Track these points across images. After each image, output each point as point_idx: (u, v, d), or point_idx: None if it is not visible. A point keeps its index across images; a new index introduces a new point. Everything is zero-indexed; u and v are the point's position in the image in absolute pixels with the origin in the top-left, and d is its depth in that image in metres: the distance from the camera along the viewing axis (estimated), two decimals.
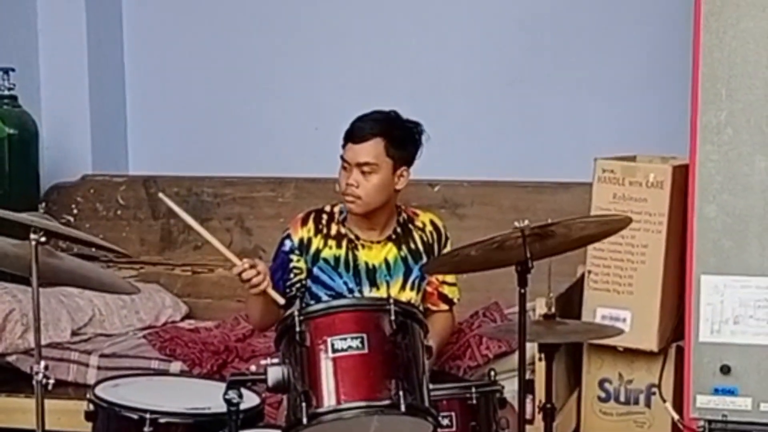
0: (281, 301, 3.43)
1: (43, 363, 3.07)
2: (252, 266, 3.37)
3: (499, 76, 5.11)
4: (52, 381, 3.10)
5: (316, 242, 3.60)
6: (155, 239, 5.17)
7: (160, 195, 3.54)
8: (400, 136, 3.54)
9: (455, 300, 3.76)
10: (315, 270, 3.60)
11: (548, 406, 3.30)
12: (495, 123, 5.10)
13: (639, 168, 4.10)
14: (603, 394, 4.25)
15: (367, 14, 5.24)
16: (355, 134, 3.52)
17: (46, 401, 3.13)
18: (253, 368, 2.98)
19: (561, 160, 4.83)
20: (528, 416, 3.46)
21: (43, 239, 3.03)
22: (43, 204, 3.32)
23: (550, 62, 5.05)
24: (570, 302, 4.08)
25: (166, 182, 5.17)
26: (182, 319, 4.98)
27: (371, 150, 3.50)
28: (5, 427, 4.33)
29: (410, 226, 3.66)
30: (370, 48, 5.25)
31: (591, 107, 5.00)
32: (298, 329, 2.79)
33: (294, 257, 3.60)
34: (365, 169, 3.50)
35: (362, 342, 2.77)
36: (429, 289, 3.70)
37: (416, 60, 5.18)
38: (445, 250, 3.63)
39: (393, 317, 2.81)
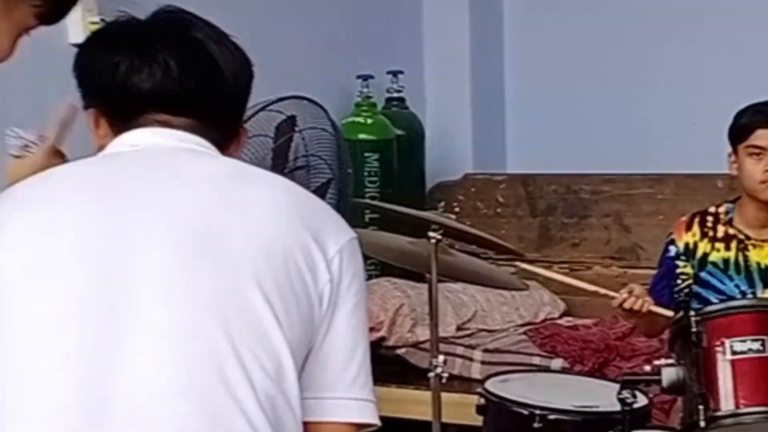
0: (669, 314, 3.28)
1: (441, 357, 3.15)
2: (629, 292, 3.30)
3: None
4: (446, 375, 3.17)
5: (703, 246, 3.50)
6: (533, 236, 5.21)
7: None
8: None
9: None
10: (703, 274, 3.50)
11: None
12: None
13: None
14: None
15: (744, 8, 5.09)
16: (763, 119, 3.36)
17: None
18: (647, 368, 2.96)
19: None
20: None
21: (440, 236, 3.10)
22: (442, 203, 3.40)
23: None
24: None
25: (545, 180, 5.23)
26: (560, 317, 4.99)
27: None
28: (396, 416, 4.49)
29: None
30: (749, 41, 5.08)
31: None
32: (694, 329, 2.75)
33: (680, 263, 3.52)
34: None
35: (763, 344, 2.69)
36: None
37: None
38: None
39: None
